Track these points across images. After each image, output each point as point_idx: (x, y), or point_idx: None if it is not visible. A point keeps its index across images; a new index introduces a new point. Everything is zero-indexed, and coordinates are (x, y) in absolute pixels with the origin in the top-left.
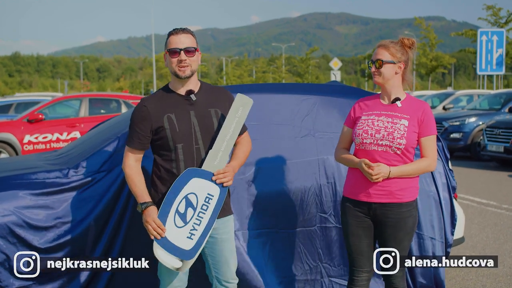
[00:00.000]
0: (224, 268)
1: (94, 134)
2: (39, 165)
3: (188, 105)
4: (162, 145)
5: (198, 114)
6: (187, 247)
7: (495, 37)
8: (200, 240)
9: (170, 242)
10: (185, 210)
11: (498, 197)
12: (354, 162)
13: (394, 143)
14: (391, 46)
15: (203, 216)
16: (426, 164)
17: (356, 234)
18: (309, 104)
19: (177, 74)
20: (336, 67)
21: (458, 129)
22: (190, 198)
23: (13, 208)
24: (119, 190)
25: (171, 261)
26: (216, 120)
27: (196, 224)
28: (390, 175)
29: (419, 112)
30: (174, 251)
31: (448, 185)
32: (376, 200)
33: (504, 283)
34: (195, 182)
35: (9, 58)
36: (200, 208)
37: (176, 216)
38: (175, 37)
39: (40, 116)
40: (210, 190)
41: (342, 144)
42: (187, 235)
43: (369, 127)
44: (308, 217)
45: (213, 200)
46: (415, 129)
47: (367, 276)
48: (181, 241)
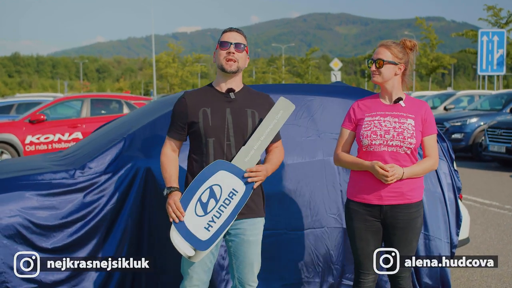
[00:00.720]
0: (247, 270)
1: (100, 134)
2: (45, 166)
3: (225, 102)
4: (195, 138)
5: (234, 112)
6: (203, 237)
7: (495, 37)
8: (217, 233)
9: (187, 228)
10: (207, 200)
11: (500, 198)
12: (364, 165)
13: (405, 143)
14: (393, 47)
15: (224, 210)
16: (431, 164)
17: (364, 239)
18: (314, 105)
19: (224, 67)
20: (336, 67)
21: (459, 129)
22: (215, 189)
23: (19, 208)
24: (126, 190)
25: (185, 248)
26: (251, 121)
27: (215, 217)
28: (404, 176)
29: (422, 111)
30: (190, 239)
31: (453, 186)
32: (387, 202)
33: (509, 283)
34: (222, 175)
35: (9, 59)
36: (223, 201)
37: (197, 205)
38: (228, 33)
39: (42, 116)
40: (235, 186)
41: (342, 147)
42: (205, 225)
43: (377, 128)
44: (316, 218)
45: (237, 196)
46: (420, 128)
47: (373, 278)
48: (198, 230)
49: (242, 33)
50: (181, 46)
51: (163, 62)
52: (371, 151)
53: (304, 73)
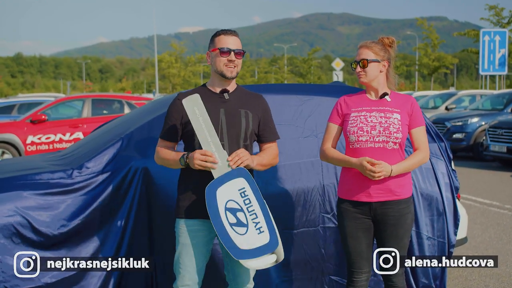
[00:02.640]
0: (242, 271)
1: (98, 134)
2: (43, 165)
3: (219, 103)
4: (189, 139)
5: (228, 112)
6: (265, 240)
7: (497, 37)
8: (269, 223)
9: (250, 250)
10: (236, 218)
11: (500, 197)
12: (351, 162)
13: (392, 138)
14: (373, 46)
15: (253, 207)
16: (421, 157)
17: (355, 236)
18: (312, 105)
19: (224, 73)
20: (338, 67)
21: (460, 129)
22: (231, 205)
23: (17, 208)
24: (123, 190)
25: (266, 262)
26: (244, 120)
27: (255, 218)
28: (392, 174)
29: (407, 105)
30: (260, 252)
31: (451, 186)
32: (376, 199)
33: (507, 283)
34: (222, 192)
35: (12, 59)
36: (246, 204)
37: (234, 229)
38: (226, 37)
39: (43, 116)
40: (238, 186)
41: (329, 142)
42: (256, 232)
43: (364, 124)
44: (311, 217)
45: (247, 189)
46: (406, 122)
47: (366, 277)
48: (257, 240)
49: (238, 35)
50: (184, 46)
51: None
52: (358, 147)
53: (306, 73)
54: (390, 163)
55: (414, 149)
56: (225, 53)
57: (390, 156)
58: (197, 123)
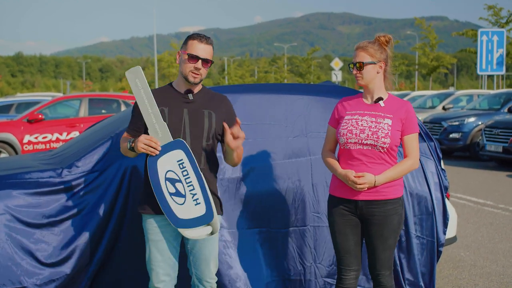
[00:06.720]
0: (203, 267)
1: (89, 134)
2: (33, 164)
3: (183, 103)
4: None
5: (191, 112)
6: (202, 211)
7: (495, 37)
8: (205, 196)
9: (186, 219)
10: (175, 188)
11: (495, 197)
12: (338, 173)
13: (379, 142)
14: (369, 47)
15: (190, 179)
16: (409, 165)
17: (343, 233)
18: (302, 105)
19: (188, 78)
20: (337, 67)
21: (457, 129)
22: (170, 176)
23: (6, 207)
24: (112, 189)
25: (201, 232)
26: (208, 121)
27: (192, 190)
28: (376, 184)
29: (401, 111)
30: (197, 223)
31: (441, 185)
32: (362, 198)
33: (496, 282)
34: (162, 162)
35: (12, 59)
36: (183, 176)
37: (173, 199)
38: (199, 44)
39: (40, 116)
40: (177, 157)
41: (328, 145)
42: (194, 203)
43: (354, 127)
44: (300, 216)
45: (185, 161)
46: (398, 128)
47: (355, 275)
48: (193, 211)
49: (212, 44)
50: None
51: (165, 61)
52: (347, 149)
53: (306, 72)
54: (378, 167)
55: (404, 155)
56: (193, 60)
57: (377, 158)
58: (138, 95)
